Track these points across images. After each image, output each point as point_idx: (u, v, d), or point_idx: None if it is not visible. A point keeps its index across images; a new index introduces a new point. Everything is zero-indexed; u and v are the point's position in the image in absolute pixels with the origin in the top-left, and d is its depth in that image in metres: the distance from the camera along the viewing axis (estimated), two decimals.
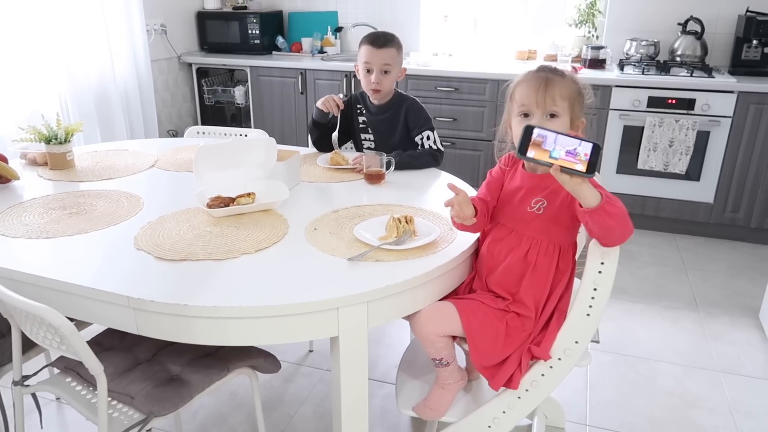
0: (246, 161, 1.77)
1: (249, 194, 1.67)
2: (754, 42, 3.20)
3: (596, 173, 1.22)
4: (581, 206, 1.22)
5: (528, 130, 1.23)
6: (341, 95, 2.18)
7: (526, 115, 1.38)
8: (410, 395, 1.54)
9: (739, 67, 3.26)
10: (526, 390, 1.41)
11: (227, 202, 1.63)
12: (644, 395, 2.10)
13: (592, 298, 1.32)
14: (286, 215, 1.63)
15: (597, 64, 3.43)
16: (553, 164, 1.19)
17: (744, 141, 3.07)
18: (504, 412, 1.44)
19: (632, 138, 3.20)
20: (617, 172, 3.29)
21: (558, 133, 1.22)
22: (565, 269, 1.40)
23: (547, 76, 1.37)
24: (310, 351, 2.32)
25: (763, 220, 3.15)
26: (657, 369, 2.24)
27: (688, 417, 1.99)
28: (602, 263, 1.30)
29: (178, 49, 3.91)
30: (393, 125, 2.19)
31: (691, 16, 3.34)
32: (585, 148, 1.19)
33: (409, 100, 2.18)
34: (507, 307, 1.40)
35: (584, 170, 1.18)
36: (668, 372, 2.22)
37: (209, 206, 1.61)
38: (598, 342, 2.39)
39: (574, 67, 3.34)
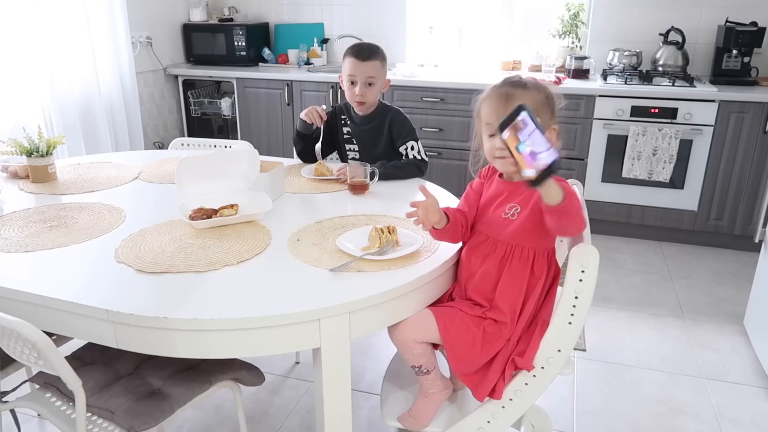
0: (229, 173, 1.77)
1: (232, 206, 1.67)
2: (734, 52, 3.26)
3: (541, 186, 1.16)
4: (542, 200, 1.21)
5: (518, 109, 1.16)
6: (324, 106, 2.19)
7: (492, 135, 1.36)
8: (395, 406, 1.53)
9: (719, 76, 3.31)
10: (510, 399, 1.41)
11: (210, 213, 1.63)
12: (630, 403, 2.10)
13: (574, 306, 1.32)
14: (269, 226, 1.62)
15: (581, 74, 3.46)
16: (513, 156, 1.15)
17: (726, 149, 3.10)
18: (488, 422, 1.44)
19: (616, 147, 3.23)
20: (602, 181, 3.31)
21: (538, 128, 1.13)
22: (540, 273, 1.40)
23: (507, 92, 1.35)
24: (297, 363, 2.31)
25: (746, 227, 3.19)
26: (643, 376, 2.24)
27: (674, 424, 2.00)
28: (583, 271, 1.30)
29: (164, 61, 3.91)
30: (377, 136, 2.19)
31: (672, 27, 3.39)
32: (547, 158, 1.11)
33: (393, 111, 2.19)
34: (484, 314, 1.41)
35: (532, 178, 1.12)
36: (654, 379, 2.23)
37: (192, 218, 1.60)
38: (584, 350, 2.39)
39: (558, 78, 3.37)
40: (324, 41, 4.08)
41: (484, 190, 1.49)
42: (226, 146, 2.43)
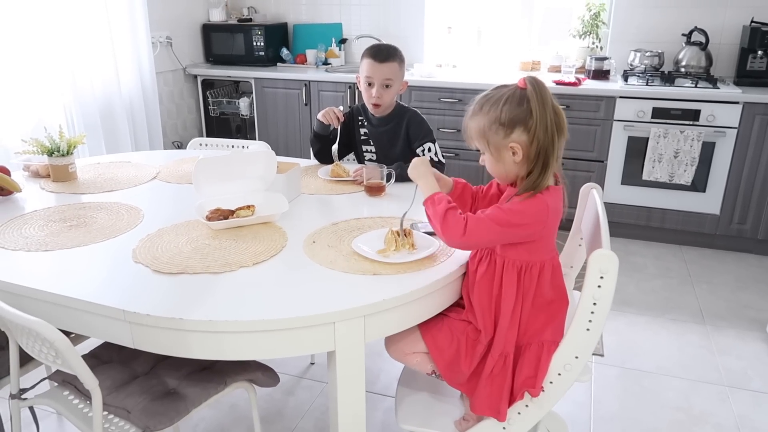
0: (246, 173, 1.77)
1: (248, 207, 1.67)
2: (759, 52, 3.19)
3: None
4: None
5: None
6: (342, 107, 2.19)
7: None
8: (410, 409, 1.52)
9: (744, 77, 3.25)
10: (526, 406, 1.40)
11: (226, 214, 1.63)
12: (649, 410, 2.07)
13: (592, 312, 1.30)
14: (285, 228, 1.62)
15: (601, 75, 3.42)
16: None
17: (750, 152, 3.04)
18: (504, 428, 1.42)
19: (637, 149, 3.19)
20: (622, 183, 3.27)
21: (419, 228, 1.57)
22: (511, 287, 1.35)
23: (464, 120, 1.40)
24: (312, 364, 2.31)
25: None
26: (662, 383, 2.21)
27: None
28: (602, 277, 1.28)
29: (183, 61, 3.94)
30: (394, 137, 2.18)
31: (696, 27, 3.33)
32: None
33: (411, 112, 2.18)
34: (466, 316, 1.41)
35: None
36: (674, 386, 2.19)
37: (208, 219, 1.61)
38: (602, 355, 2.36)
39: (578, 78, 3.33)
40: (342, 41, 4.08)
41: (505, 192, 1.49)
42: (243, 147, 2.44)
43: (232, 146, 2.49)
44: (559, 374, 1.36)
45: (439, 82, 3.44)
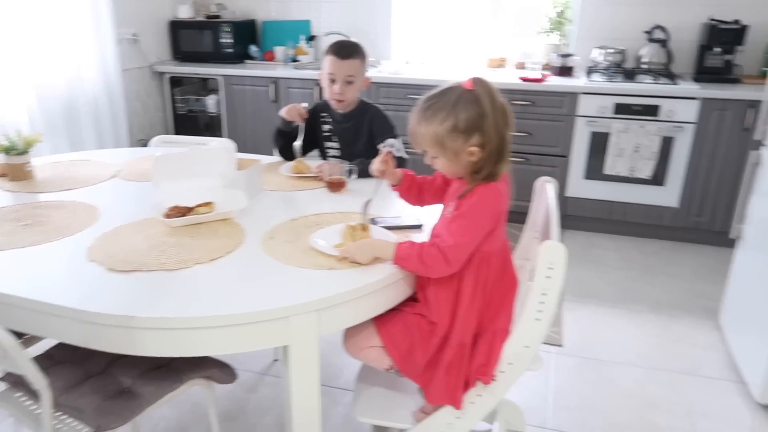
0: (205, 170, 1.77)
1: (207, 203, 1.67)
2: (717, 49, 3.27)
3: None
4: None
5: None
6: (306, 105, 2.19)
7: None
8: (368, 403, 1.54)
9: (702, 74, 3.33)
10: (479, 395, 1.43)
11: (184, 211, 1.63)
12: (605, 398, 2.12)
13: (541, 302, 1.33)
14: (244, 224, 1.63)
15: (565, 71, 3.47)
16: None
17: (707, 146, 3.13)
18: (458, 417, 1.45)
19: (599, 144, 3.25)
20: (585, 178, 3.33)
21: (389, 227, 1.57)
22: (469, 279, 1.38)
23: (411, 125, 1.41)
24: (275, 360, 2.32)
25: (727, 223, 3.20)
26: (619, 371, 2.27)
27: (646, 418, 2.02)
28: (550, 268, 1.31)
29: (150, 58, 3.90)
30: (357, 133, 2.20)
31: (657, 25, 3.41)
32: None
33: (373, 109, 2.20)
34: (420, 310, 1.44)
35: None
36: (630, 374, 2.25)
37: (167, 216, 1.61)
38: (560, 346, 2.42)
39: (542, 74, 3.38)
40: (311, 38, 4.08)
41: (452, 184, 1.51)
42: (202, 144, 2.42)
43: (198, 143, 2.48)
44: (510, 363, 1.39)
45: (406, 79, 3.46)
